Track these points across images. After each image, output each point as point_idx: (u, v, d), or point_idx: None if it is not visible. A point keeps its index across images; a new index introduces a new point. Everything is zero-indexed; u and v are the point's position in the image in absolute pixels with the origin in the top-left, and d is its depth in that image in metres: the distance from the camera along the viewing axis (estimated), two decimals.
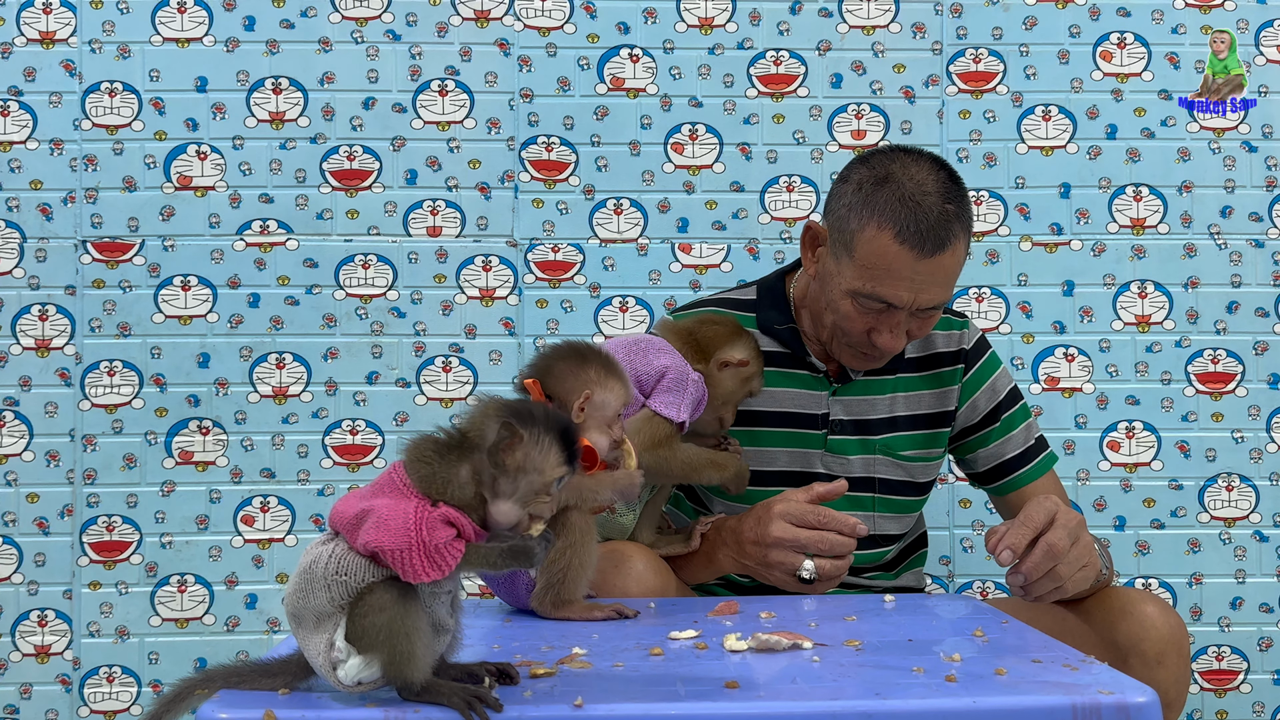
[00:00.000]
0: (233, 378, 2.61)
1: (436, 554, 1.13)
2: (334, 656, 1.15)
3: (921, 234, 1.78)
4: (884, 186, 1.82)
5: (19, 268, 2.60)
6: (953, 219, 1.80)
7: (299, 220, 2.63)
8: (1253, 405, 2.68)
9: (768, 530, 1.78)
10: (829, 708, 1.13)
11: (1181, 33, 2.69)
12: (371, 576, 1.16)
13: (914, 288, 1.80)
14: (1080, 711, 1.12)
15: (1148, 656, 1.71)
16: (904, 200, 1.80)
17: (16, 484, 2.58)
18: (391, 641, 1.14)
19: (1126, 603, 1.77)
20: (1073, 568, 1.68)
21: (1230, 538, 2.67)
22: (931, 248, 1.78)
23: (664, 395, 1.77)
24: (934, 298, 1.82)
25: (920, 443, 2.00)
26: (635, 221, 2.66)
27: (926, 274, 1.80)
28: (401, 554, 1.13)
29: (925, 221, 1.78)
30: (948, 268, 1.82)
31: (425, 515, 1.14)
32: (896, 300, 1.81)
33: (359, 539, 1.15)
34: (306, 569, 1.18)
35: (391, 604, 1.15)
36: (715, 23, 2.67)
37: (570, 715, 1.12)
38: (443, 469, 1.18)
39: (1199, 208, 2.69)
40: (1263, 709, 2.67)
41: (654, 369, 1.78)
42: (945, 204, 1.80)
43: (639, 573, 1.73)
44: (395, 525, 1.13)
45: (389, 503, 1.16)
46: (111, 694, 2.57)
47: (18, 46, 2.61)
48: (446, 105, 2.65)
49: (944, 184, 1.83)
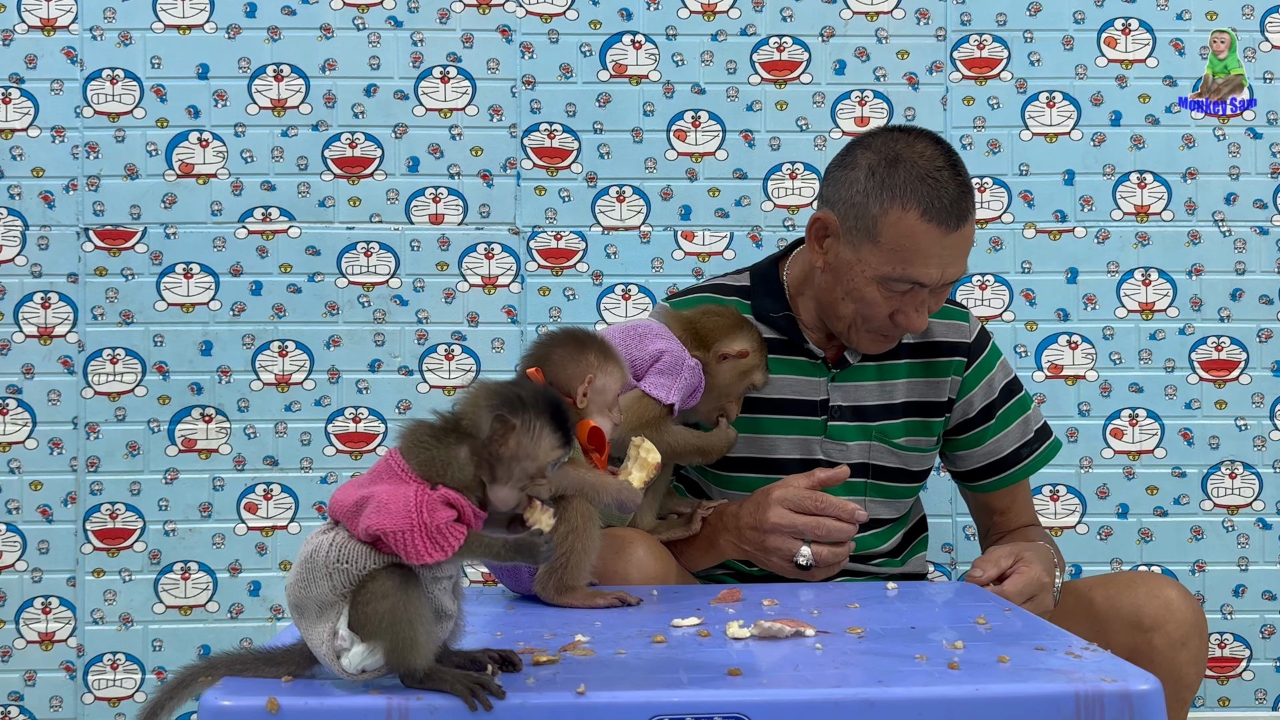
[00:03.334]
0: (235, 365, 2.61)
1: (439, 534, 1.14)
2: (337, 645, 1.16)
3: (946, 209, 1.80)
4: (898, 168, 1.82)
5: (21, 255, 2.60)
6: (967, 191, 1.84)
7: (301, 208, 2.63)
8: (1256, 393, 2.67)
9: (765, 516, 1.78)
10: (832, 695, 1.13)
11: (1186, 19, 2.68)
12: (373, 563, 1.16)
13: (942, 263, 1.82)
14: (1083, 699, 1.12)
15: (1173, 638, 1.75)
16: (923, 179, 1.81)
17: (20, 472, 2.59)
18: (394, 628, 1.14)
19: (1151, 585, 1.81)
20: (1019, 597, 1.75)
21: (1233, 525, 2.67)
22: (956, 221, 1.81)
23: (656, 377, 1.77)
24: (959, 271, 1.85)
25: (914, 431, 2.00)
26: (638, 209, 2.66)
27: (953, 248, 1.83)
28: (403, 535, 1.13)
29: (947, 196, 1.80)
30: (970, 240, 1.86)
31: (425, 497, 1.15)
32: (927, 279, 1.82)
33: (360, 525, 1.16)
34: (308, 558, 1.18)
35: (393, 590, 1.15)
36: (718, 9, 2.66)
37: (573, 702, 1.12)
38: (441, 452, 1.18)
39: (1203, 194, 2.68)
40: (1265, 696, 2.67)
41: (649, 353, 1.79)
42: (958, 176, 1.84)
43: (640, 559, 1.73)
44: (396, 508, 1.14)
45: (388, 488, 1.16)
46: (115, 681, 2.58)
47: (19, 34, 2.60)
48: (448, 92, 2.65)
49: (949, 157, 1.85)
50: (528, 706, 1.12)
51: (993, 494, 2.08)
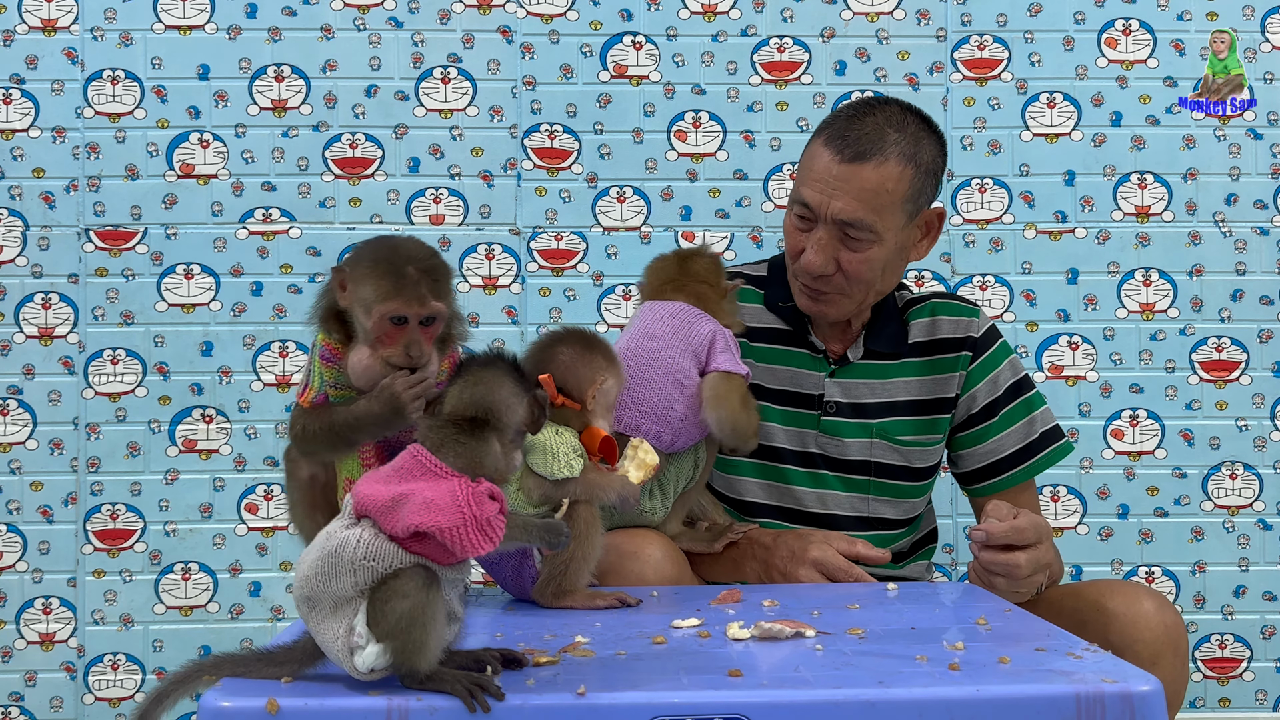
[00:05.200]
0: (236, 366, 2.62)
1: (488, 526, 1.17)
2: (353, 641, 1.15)
3: (845, 139, 1.85)
4: (842, 109, 1.93)
5: (22, 256, 2.60)
6: (889, 140, 1.85)
7: (302, 208, 2.63)
8: (1257, 393, 2.67)
9: (796, 572, 1.81)
10: (832, 696, 1.13)
11: (1187, 19, 2.68)
12: (399, 562, 1.16)
13: (828, 190, 1.85)
14: (1084, 700, 1.12)
15: (1142, 658, 1.67)
16: (847, 114, 1.89)
17: (20, 472, 2.59)
18: (410, 630, 1.14)
19: (1123, 600, 1.74)
20: (1028, 568, 1.70)
21: (1234, 526, 2.67)
22: (851, 154, 1.84)
23: (724, 355, 1.79)
24: (844, 208, 1.84)
25: (919, 428, 2.00)
26: (638, 209, 2.66)
27: (844, 180, 1.84)
28: (457, 531, 1.15)
29: (854, 132, 1.85)
30: (865, 180, 1.84)
31: (471, 491, 1.17)
32: (811, 200, 1.86)
33: (400, 523, 1.15)
34: (333, 552, 1.17)
35: (416, 591, 1.15)
36: (718, 9, 2.66)
37: (573, 703, 1.12)
38: (475, 446, 1.22)
39: (1204, 195, 2.68)
40: (1265, 697, 2.67)
41: (704, 335, 1.79)
42: (886, 127, 1.86)
43: (656, 561, 1.73)
44: (444, 504, 1.16)
45: (428, 485, 1.17)
46: (116, 681, 2.58)
47: (20, 34, 2.61)
48: (449, 93, 2.65)
49: (900, 116, 1.89)
50: (528, 707, 1.12)
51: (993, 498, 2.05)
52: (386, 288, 1.45)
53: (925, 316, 2.01)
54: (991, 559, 1.70)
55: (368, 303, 1.46)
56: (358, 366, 1.49)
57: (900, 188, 1.86)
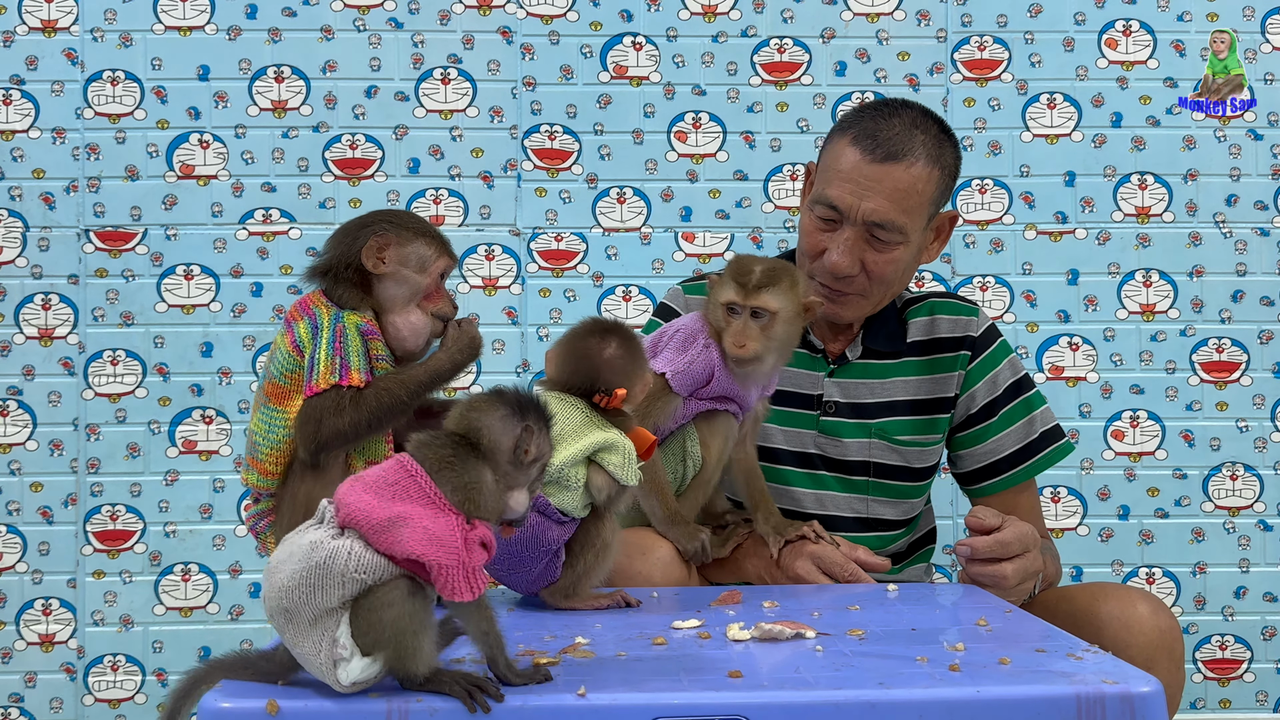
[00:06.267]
0: (236, 367, 2.61)
1: (474, 575, 1.15)
2: (337, 654, 1.15)
3: (875, 139, 1.84)
4: (863, 109, 1.92)
5: (22, 257, 2.60)
6: (917, 141, 1.85)
7: (301, 209, 2.63)
8: (1257, 394, 2.67)
9: (793, 564, 1.80)
10: (832, 697, 1.13)
11: (1187, 20, 2.68)
12: (388, 575, 1.15)
13: (859, 191, 1.83)
14: (1084, 701, 1.12)
15: (1136, 661, 1.66)
16: (871, 114, 1.89)
17: (20, 473, 2.59)
18: (398, 638, 1.14)
19: (1118, 603, 1.73)
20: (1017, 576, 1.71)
21: (1234, 527, 2.67)
22: (883, 154, 1.83)
23: (667, 352, 1.79)
24: (877, 209, 1.83)
25: (918, 428, 1.99)
26: (638, 210, 2.65)
27: (874, 180, 1.83)
28: (450, 570, 1.14)
29: (884, 132, 1.85)
30: (898, 181, 1.84)
31: (468, 535, 1.16)
32: (840, 202, 1.84)
33: (399, 546, 1.13)
34: (320, 564, 1.14)
35: (400, 600, 1.14)
36: (719, 10, 2.66)
37: (573, 704, 1.12)
38: (469, 475, 1.19)
39: (1204, 196, 2.68)
40: (1266, 698, 2.67)
41: (672, 329, 1.83)
42: (914, 128, 1.86)
43: (664, 561, 1.73)
44: (445, 541, 1.14)
45: (428, 513, 1.15)
46: (116, 682, 2.58)
47: (20, 35, 2.61)
48: (449, 94, 2.65)
49: (922, 118, 1.89)
50: (528, 708, 1.12)
51: (993, 498, 2.05)
52: (440, 245, 1.62)
53: (924, 316, 2.00)
54: (979, 571, 1.71)
55: (425, 260, 1.60)
56: (415, 325, 1.59)
57: (928, 189, 1.86)
